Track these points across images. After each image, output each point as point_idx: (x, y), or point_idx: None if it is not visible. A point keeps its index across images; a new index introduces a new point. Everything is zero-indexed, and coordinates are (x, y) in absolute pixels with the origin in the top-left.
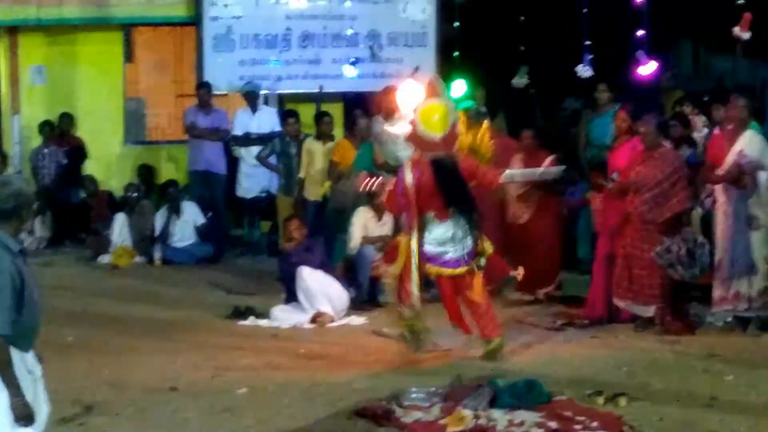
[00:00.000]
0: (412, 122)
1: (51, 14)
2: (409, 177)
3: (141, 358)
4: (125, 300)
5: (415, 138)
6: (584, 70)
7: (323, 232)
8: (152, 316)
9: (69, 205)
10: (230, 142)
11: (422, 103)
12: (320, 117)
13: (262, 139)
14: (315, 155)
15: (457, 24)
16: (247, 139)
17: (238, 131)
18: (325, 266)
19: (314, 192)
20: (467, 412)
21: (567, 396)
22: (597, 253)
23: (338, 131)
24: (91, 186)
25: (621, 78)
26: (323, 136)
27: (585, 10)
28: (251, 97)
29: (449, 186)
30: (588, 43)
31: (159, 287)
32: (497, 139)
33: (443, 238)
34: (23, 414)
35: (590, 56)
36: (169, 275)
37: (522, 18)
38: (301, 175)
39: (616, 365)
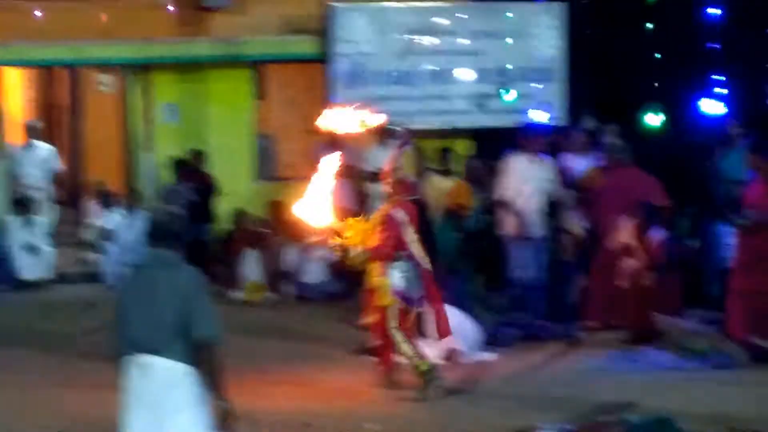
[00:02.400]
0: (399, 164)
1: (183, 52)
2: (402, 217)
3: (273, 391)
4: (257, 334)
5: (402, 181)
6: (714, 105)
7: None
8: (283, 351)
9: (199, 240)
10: (362, 179)
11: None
12: (440, 153)
13: None
14: (438, 191)
15: (585, 59)
16: (375, 176)
17: (371, 168)
18: (459, 302)
19: None
20: None
21: None
22: (730, 289)
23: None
24: (243, 221)
25: (751, 111)
26: (445, 171)
27: (717, 46)
28: (385, 134)
29: (427, 227)
30: (718, 77)
31: (290, 322)
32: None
33: (411, 276)
34: (232, 418)
35: (720, 90)
36: (300, 311)
37: (656, 54)
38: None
39: (751, 402)
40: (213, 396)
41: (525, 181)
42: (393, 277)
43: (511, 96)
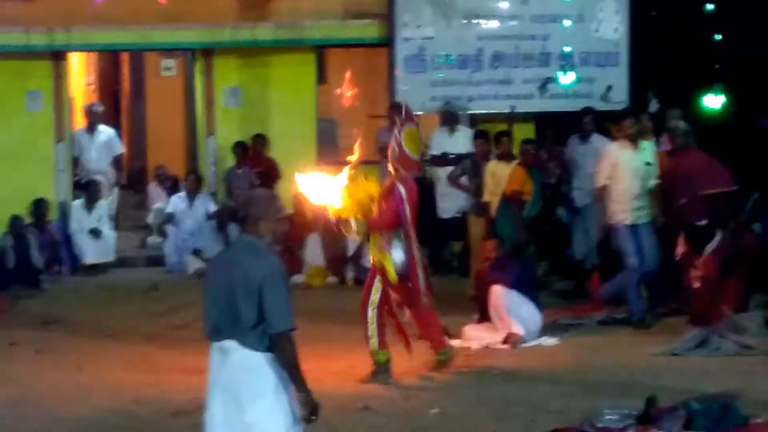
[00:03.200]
0: (398, 141)
1: (245, 36)
2: (403, 193)
3: (333, 377)
4: (318, 319)
5: (401, 157)
6: None
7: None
8: (344, 336)
9: None
10: (426, 162)
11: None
12: (499, 137)
13: (460, 160)
14: (499, 176)
15: (649, 43)
16: (444, 160)
17: (435, 151)
18: (519, 286)
19: None
20: None
21: (764, 419)
22: None
23: None
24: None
25: None
26: (504, 156)
27: None
28: (449, 117)
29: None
30: None
31: (351, 307)
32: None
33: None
34: (314, 408)
35: None
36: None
37: (718, 36)
38: (486, 198)
39: None
40: (293, 386)
41: (620, 168)
42: (395, 252)
43: (568, 79)
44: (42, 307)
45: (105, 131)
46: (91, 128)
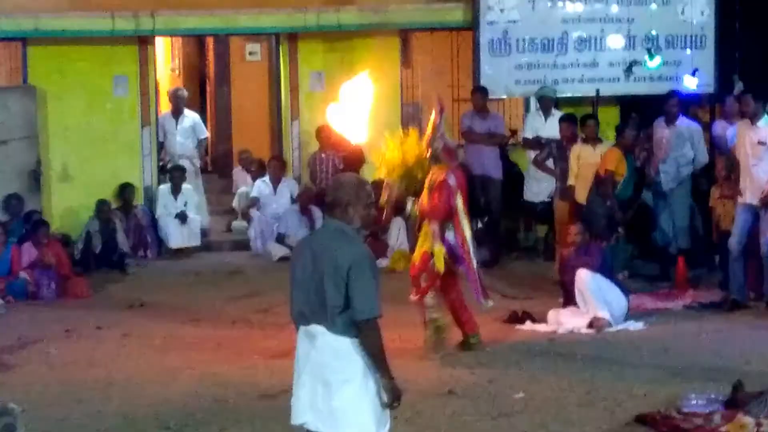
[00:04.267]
0: (442, 132)
1: (330, 20)
2: (454, 184)
3: (416, 361)
4: (401, 304)
5: (447, 148)
6: None
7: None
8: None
9: None
10: (510, 146)
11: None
12: (584, 120)
13: (548, 143)
14: (585, 159)
15: (737, 25)
16: (538, 143)
17: (528, 134)
18: (604, 270)
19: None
20: (749, 420)
21: None
22: None
23: (614, 134)
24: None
25: None
26: (589, 139)
27: None
28: (544, 102)
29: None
30: None
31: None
32: None
33: (455, 243)
34: (397, 395)
35: None
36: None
37: None
38: (571, 181)
39: None
40: (378, 373)
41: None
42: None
43: (655, 62)
44: (128, 290)
45: (190, 116)
46: (176, 113)
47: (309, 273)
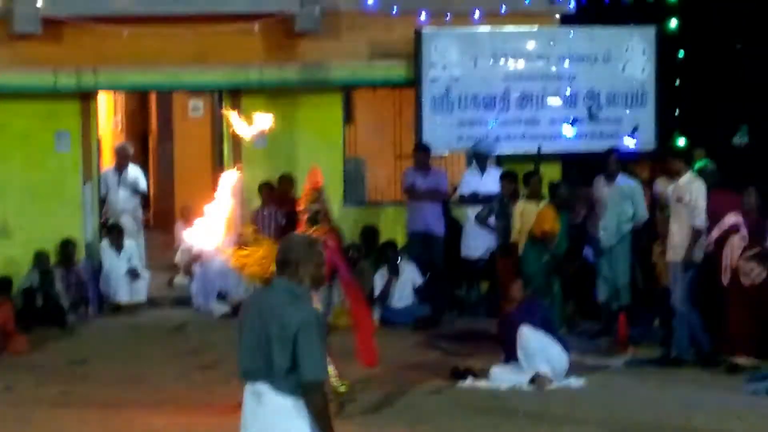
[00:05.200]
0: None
1: (272, 77)
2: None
3: (356, 417)
4: (345, 360)
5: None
6: None
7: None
8: (370, 376)
9: None
10: (456, 202)
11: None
12: (527, 177)
13: (489, 200)
14: (528, 216)
15: (678, 82)
16: (474, 199)
17: (465, 190)
18: (546, 326)
19: None
20: None
21: None
22: None
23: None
24: None
25: None
26: (533, 196)
27: None
28: (480, 158)
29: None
30: None
31: (378, 347)
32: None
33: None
34: None
35: None
36: (388, 335)
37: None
38: (515, 238)
39: None
40: None
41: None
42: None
43: (571, 131)
44: (69, 347)
45: (133, 170)
46: (119, 168)
47: (256, 331)
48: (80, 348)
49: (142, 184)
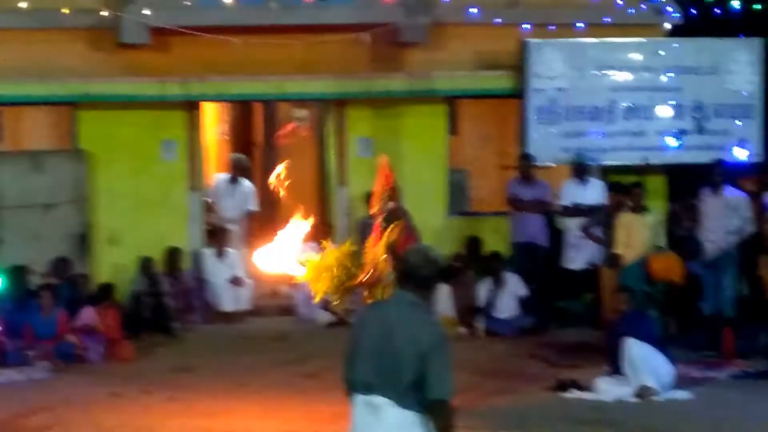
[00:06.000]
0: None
1: (378, 87)
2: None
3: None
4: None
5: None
6: None
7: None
8: (475, 386)
9: None
10: (557, 213)
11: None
12: (631, 189)
13: (591, 211)
14: (632, 228)
15: None
16: (575, 211)
17: (565, 202)
18: (651, 339)
19: None
20: None
21: None
22: None
23: (660, 203)
24: None
25: None
26: (636, 208)
27: None
28: (580, 169)
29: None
30: None
31: (481, 358)
32: None
33: None
34: None
35: None
36: (492, 346)
37: None
38: (618, 250)
39: None
40: None
41: None
42: None
43: (674, 142)
44: (174, 354)
45: (246, 185)
46: (234, 179)
47: (381, 344)
48: (185, 355)
49: (254, 202)
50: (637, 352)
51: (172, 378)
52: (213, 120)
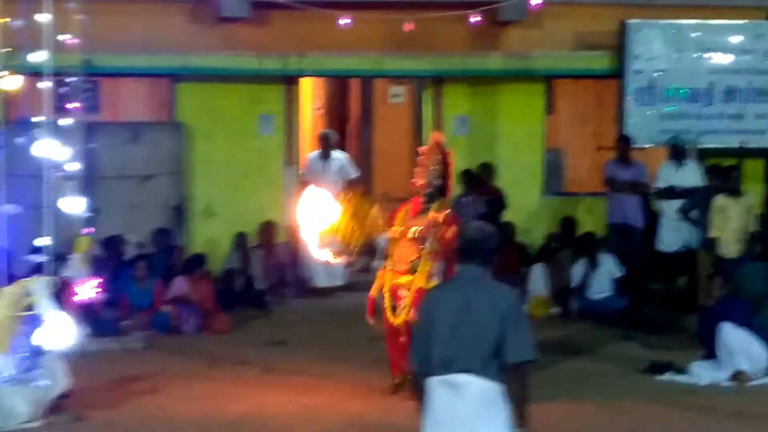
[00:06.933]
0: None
1: (475, 65)
2: None
3: (555, 408)
4: (540, 350)
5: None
6: None
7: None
8: (567, 367)
9: None
10: (653, 195)
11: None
12: (728, 172)
13: (687, 194)
14: (728, 211)
15: None
16: (671, 193)
17: (661, 184)
18: (747, 324)
19: (732, 249)
20: None
21: None
22: None
23: (758, 187)
24: (511, 233)
25: None
26: (734, 191)
27: None
28: (677, 151)
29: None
30: None
31: (575, 338)
32: None
33: None
34: None
35: None
36: (585, 327)
37: None
38: (713, 234)
39: None
40: (516, 419)
41: None
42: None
43: None
44: (268, 328)
45: (338, 157)
46: (325, 154)
47: (459, 318)
48: (279, 329)
49: (351, 170)
50: (732, 336)
51: (267, 351)
52: (308, 94)
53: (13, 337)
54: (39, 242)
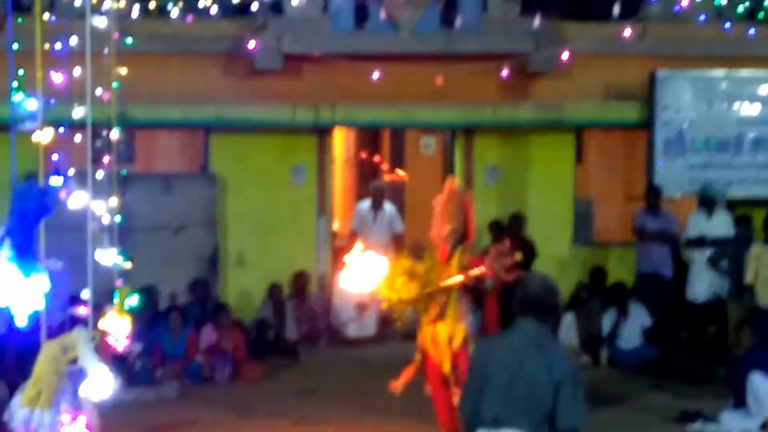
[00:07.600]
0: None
1: (506, 117)
2: None
3: None
4: None
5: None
6: None
7: None
8: (598, 417)
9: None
10: (683, 245)
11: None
12: (765, 222)
13: (717, 243)
14: (764, 260)
15: None
16: (701, 242)
17: (691, 233)
18: None
19: (766, 297)
20: None
21: None
22: None
23: None
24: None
25: None
26: None
27: None
28: (707, 201)
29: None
30: None
31: (604, 388)
32: None
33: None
34: None
35: None
36: (615, 376)
37: None
38: (748, 280)
39: None
40: None
41: None
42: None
43: None
44: (300, 377)
45: (388, 209)
46: (376, 206)
47: (512, 376)
48: (311, 379)
49: (399, 224)
50: (762, 385)
51: (299, 401)
52: (340, 144)
53: (57, 393)
54: (81, 294)
